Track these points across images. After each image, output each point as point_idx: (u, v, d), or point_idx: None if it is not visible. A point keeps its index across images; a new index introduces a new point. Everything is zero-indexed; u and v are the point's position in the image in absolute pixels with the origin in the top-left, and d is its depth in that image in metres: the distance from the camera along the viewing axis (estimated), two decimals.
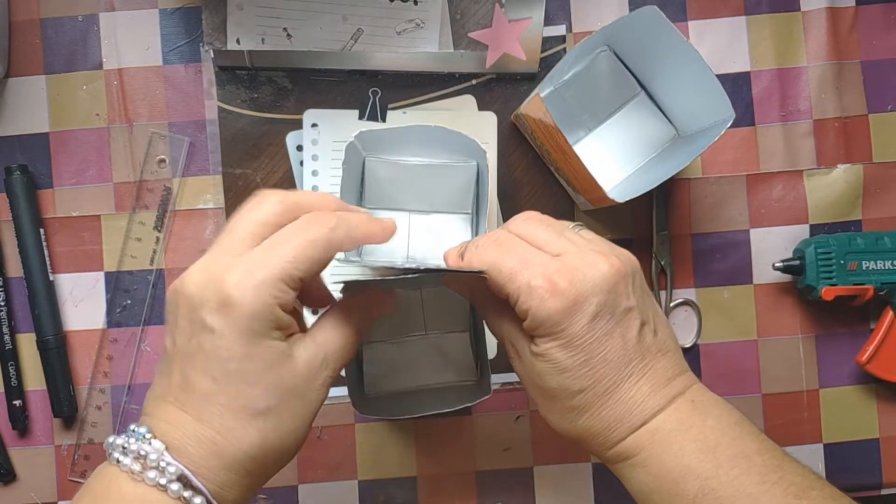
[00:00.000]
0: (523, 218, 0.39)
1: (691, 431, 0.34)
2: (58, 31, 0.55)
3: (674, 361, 0.36)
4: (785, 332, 0.56)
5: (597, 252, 0.35)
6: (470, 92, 0.56)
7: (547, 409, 0.37)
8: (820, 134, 0.56)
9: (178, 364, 0.33)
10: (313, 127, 0.55)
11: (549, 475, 0.55)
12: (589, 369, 0.34)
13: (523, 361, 0.37)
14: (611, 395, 0.35)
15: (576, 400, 0.35)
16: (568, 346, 0.34)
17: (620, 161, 0.54)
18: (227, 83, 0.55)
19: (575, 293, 0.34)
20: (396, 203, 0.52)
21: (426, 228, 0.52)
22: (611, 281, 0.34)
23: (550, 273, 0.34)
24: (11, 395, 0.54)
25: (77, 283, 0.55)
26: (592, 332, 0.34)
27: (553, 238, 0.37)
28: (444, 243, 0.52)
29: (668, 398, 0.35)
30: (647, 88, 0.54)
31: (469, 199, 0.52)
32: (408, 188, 0.52)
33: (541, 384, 0.36)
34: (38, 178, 0.55)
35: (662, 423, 0.35)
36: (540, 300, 0.34)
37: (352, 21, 0.54)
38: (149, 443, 0.31)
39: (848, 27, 0.56)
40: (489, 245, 0.37)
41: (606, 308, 0.34)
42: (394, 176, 0.51)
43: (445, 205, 0.52)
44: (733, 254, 0.56)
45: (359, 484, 0.55)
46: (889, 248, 0.53)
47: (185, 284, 0.32)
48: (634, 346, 0.35)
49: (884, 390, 0.56)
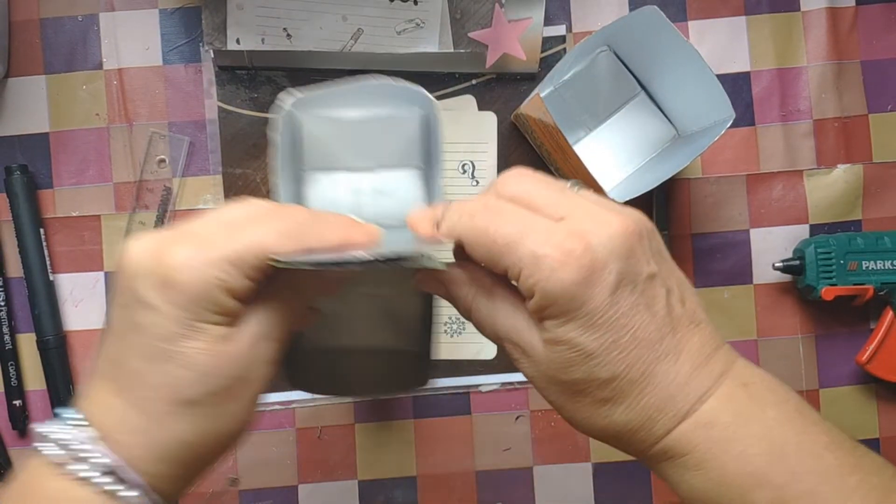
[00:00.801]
0: (515, 175, 0.32)
1: (752, 426, 0.29)
2: (58, 31, 0.55)
3: (709, 334, 0.31)
4: (785, 332, 0.56)
5: (606, 211, 0.30)
6: (470, 92, 0.56)
7: (573, 408, 0.31)
8: (820, 134, 0.56)
9: (114, 339, 0.30)
10: None
11: (549, 475, 0.55)
12: (619, 352, 0.29)
13: (534, 357, 0.30)
14: (647, 380, 0.29)
15: (608, 390, 0.29)
16: (590, 326, 0.28)
17: (620, 161, 0.54)
18: (227, 83, 0.55)
19: (591, 260, 0.28)
20: (338, 162, 0.46)
21: (374, 188, 0.46)
22: (628, 244, 0.29)
23: (559, 239, 0.28)
24: (11, 395, 0.54)
25: (77, 283, 0.55)
26: (616, 305, 0.28)
27: (554, 197, 0.30)
28: (394, 200, 0.46)
29: (713, 378, 0.30)
30: (647, 88, 0.54)
31: (417, 152, 0.46)
32: (348, 145, 0.46)
33: (563, 378, 0.30)
34: (38, 178, 0.55)
35: (717, 415, 0.29)
36: (550, 271, 0.28)
37: (352, 21, 0.54)
38: (75, 429, 0.28)
39: (848, 27, 0.56)
40: (477, 210, 0.31)
41: (628, 276, 0.28)
42: (332, 133, 0.46)
43: (391, 159, 0.46)
44: (733, 254, 0.56)
45: (359, 484, 0.55)
46: (889, 248, 0.53)
47: (130, 253, 0.30)
48: (664, 318, 0.29)
49: (884, 390, 0.56)
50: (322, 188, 0.46)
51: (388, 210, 0.46)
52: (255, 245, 0.29)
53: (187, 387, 0.29)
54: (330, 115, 0.45)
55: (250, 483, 0.55)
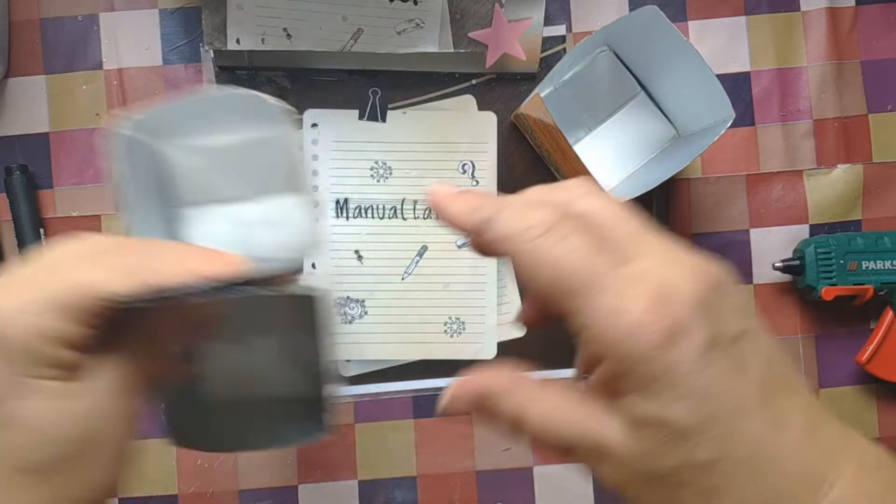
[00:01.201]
0: (587, 191, 0.26)
1: None
2: (58, 31, 0.55)
3: (809, 402, 0.25)
4: (785, 332, 0.56)
5: (688, 257, 0.25)
6: (470, 92, 0.56)
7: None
8: (820, 134, 0.56)
9: None
10: (313, 127, 0.55)
11: (549, 475, 0.55)
12: (719, 427, 0.23)
13: (616, 454, 0.24)
14: (754, 462, 0.23)
15: (712, 478, 0.23)
16: (680, 397, 0.23)
17: (620, 161, 0.54)
18: (227, 83, 0.55)
19: (674, 316, 0.23)
20: (214, 193, 0.42)
21: (262, 218, 0.42)
22: (714, 296, 0.24)
23: (640, 287, 0.23)
24: None
25: None
26: (708, 368, 0.23)
27: (630, 230, 0.25)
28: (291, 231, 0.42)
29: (830, 456, 0.24)
30: (647, 88, 0.54)
31: (300, 176, 0.42)
32: (223, 174, 0.42)
33: (656, 470, 0.23)
34: (38, 178, 0.55)
35: (847, 497, 0.23)
36: (629, 328, 0.23)
37: (352, 21, 0.54)
38: None
39: (848, 27, 0.56)
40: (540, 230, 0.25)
41: (718, 334, 0.23)
42: (202, 163, 0.41)
43: (274, 185, 0.42)
44: (733, 254, 0.56)
45: (359, 484, 0.55)
46: (889, 248, 0.53)
47: None
48: (758, 383, 0.24)
49: (884, 390, 0.56)
50: (202, 226, 0.42)
51: (285, 242, 0.41)
52: (84, 285, 0.26)
53: (28, 452, 0.26)
54: (195, 142, 0.40)
55: (250, 483, 0.55)
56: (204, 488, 0.55)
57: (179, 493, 0.55)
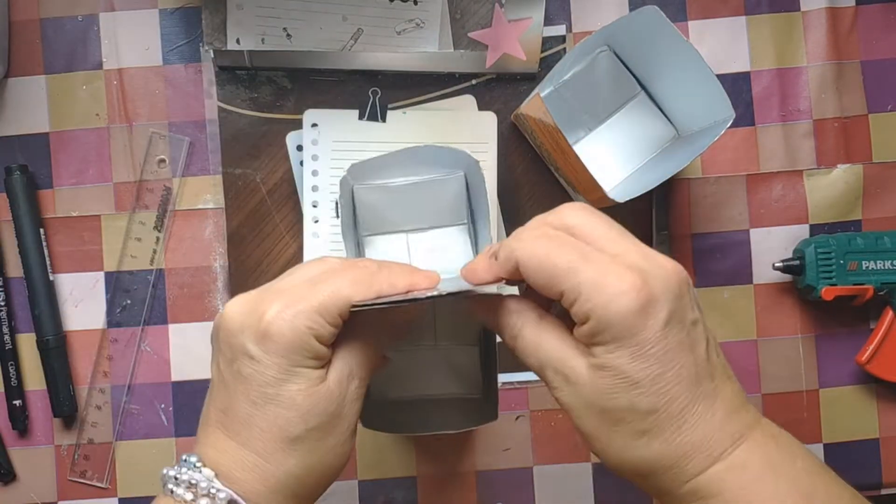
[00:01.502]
0: (579, 207, 0.34)
1: (783, 473, 0.31)
2: (58, 31, 0.55)
3: (738, 388, 0.32)
4: (785, 332, 0.56)
5: (659, 255, 0.32)
6: (470, 92, 0.56)
7: (608, 439, 0.31)
8: (820, 134, 0.56)
9: (221, 390, 0.34)
10: (313, 127, 0.55)
11: (549, 475, 0.55)
12: (663, 384, 0.30)
13: (576, 383, 0.31)
14: (685, 418, 0.30)
15: (647, 422, 0.30)
16: (640, 356, 0.30)
17: (620, 161, 0.54)
18: (227, 83, 0.55)
19: (648, 292, 0.29)
20: (391, 226, 0.52)
21: (425, 245, 0.52)
22: (680, 286, 0.31)
23: (620, 269, 0.30)
24: (11, 395, 0.54)
25: (77, 283, 0.55)
26: (666, 339, 0.30)
27: (611, 235, 0.32)
28: (446, 256, 0.52)
29: (745, 426, 0.31)
30: (647, 88, 0.54)
31: (462, 210, 0.52)
32: (399, 209, 0.52)
33: (603, 405, 0.31)
34: (38, 178, 0.55)
35: (749, 459, 0.31)
36: (610, 297, 0.29)
37: (352, 21, 0.54)
38: (199, 471, 0.32)
39: (848, 27, 0.56)
40: (537, 237, 0.32)
41: (677, 315, 0.30)
42: (383, 200, 0.51)
43: (440, 219, 0.52)
44: (733, 254, 0.56)
45: (359, 484, 0.55)
46: (889, 248, 0.53)
47: (228, 313, 0.34)
48: (704, 363, 0.31)
49: (884, 390, 0.56)
50: (380, 249, 0.52)
51: (440, 265, 0.51)
52: (336, 295, 0.33)
53: (291, 425, 0.33)
54: (376, 182, 0.51)
55: None
56: None
57: None
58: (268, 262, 0.55)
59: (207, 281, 0.55)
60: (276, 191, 0.55)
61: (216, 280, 0.55)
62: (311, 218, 0.55)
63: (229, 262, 0.55)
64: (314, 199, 0.55)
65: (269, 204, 0.56)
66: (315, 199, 0.55)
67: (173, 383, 0.55)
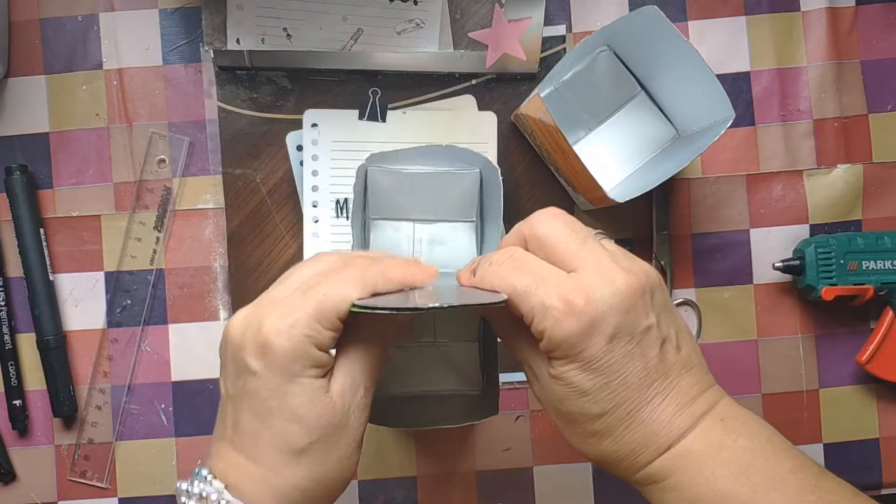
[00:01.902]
0: (549, 215, 0.36)
1: (723, 453, 0.33)
2: (58, 31, 0.55)
3: (699, 377, 0.35)
4: (785, 332, 0.56)
5: (616, 268, 0.33)
6: (470, 92, 0.56)
7: (569, 433, 0.36)
8: (820, 134, 0.56)
9: (229, 405, 0.34)
10: (313, 127, 0.55)
11: (549, 475, 0.55)
12: (609, 392, 0.33)
13: (541, 384, 0.35)
14: (633, 418, 0.33)
15: (597, 424, 0.34)
16: (586, 369, 0.33)
17: (620, 161, 0.54)
18: (227, 83, 0.55)
19: (592, 313, 0.32)
20: (399, 212, 0.51)
21: (430, 236, 0.52)
22: (629, 300, 0.33)
23: (566, 292, 0.32)
24: (11, 395, 0.54)
25: (77, 283, 0.55)
26: (611, 353, 0.32)
27: (574, 246, 0.34)
28: (448, 250, 0.52)
29: (695, 417, 0.34)
30: (647, 88, 0.54)
31: (473, 207, 0.52)
32: (410, 197, 0.51)
33: (560, 408, 0.35)
34: (38, 178, 0.55)
35: (692, 445, 0.33)
36: (555, 321, 0.32)
37: (352, 21, 0.54)
38: (210, 483, 0.33)
39: (848, 27, 0.56)
40: (503, 262, 0.35)
41: (625, 328, 0.32)
42: (395, 184, 0.51)
43: (449, 213, 0.52)
44: (733, 254, 0.56)
45: (359, 484, 0.55)
46: (889, 248, 0.53)
47: (229, 329, 0.34)
48: (656, 365, 0.33)
49: (884, 390, 0.56)
50: (385, 234, 0.52)
51: (441, 258, 0.52)
52: (331, 297, 0.33)
53: (296, 438, 0.33)
54: (392, 167, 0.50)
55: None
56: None
57: None
58: (268, 262, 0.55)
59: (207, 281, 0.55)
60: (276, 191, 0.56)
61: (216, 280, 0.55)
62: (311, 218, 0.55)
63: (229, 263, 0.55)
64: (314, 199, 0.55)
65: (269, 204, 0.56)
66: (315, 199, 0.55)
67: (173, 383, 0.55)
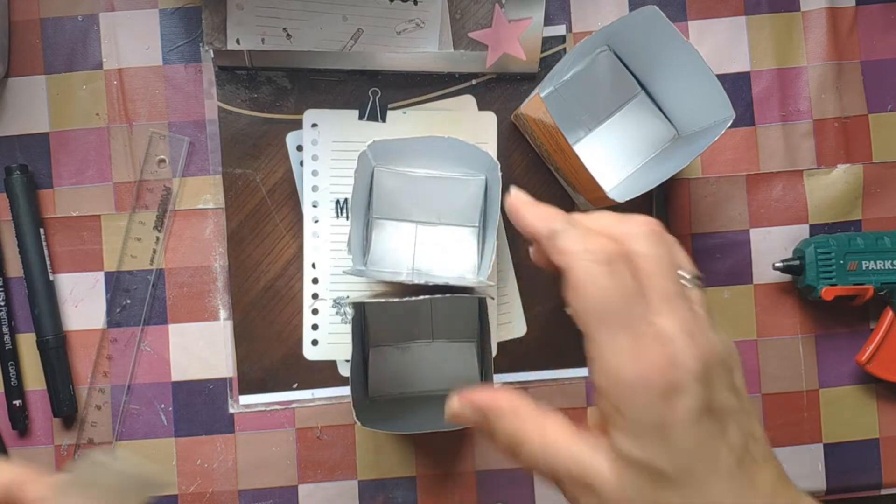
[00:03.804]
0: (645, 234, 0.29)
1: None
2: (58, 31, 0.55)
3: (776, 471, 0.29)
4: (785, 332, 0.56)
5: (707, 329, 0.28)
6: (470, 92, 0.56)
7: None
8: (820, 134, 0.56)
9: None
10: (313, 127, 0.55)
11: None
12: (693, 480, 0.26)
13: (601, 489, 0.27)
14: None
15: None
16: (668, 445, 0.26)
17: (620, 161, 0.54)
18: (227, 83, 0.55)
19: (675, 375, 0.26)
20: (403, 214, 0.52)
21: (432, 240, 0.52)
22: (715, 370, 0.27)
23: (652, 342, 0.27)
24: (11, 395, 0.54)
25: (77, 283, 0.55)
26: (695, 427, 0.26)
27: (670, 290, 0.28)
28: (449, 254, 0.52)
29: None
30: (647, 88, 0.54)
31: (476, 213, 0.52)
32: (415, 199, 0.52)
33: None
34: (38, 178, 0.55)
35: None
36: (637, 373, 0.26)
37: (352, 21, 0.54)
38: None
39: (848, 27, 0.56)
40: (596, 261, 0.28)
41: (705, 399, 0.27)
42: (402, 187, 0.52)
43: (452, 217, 0.52)
44: (733, 254, 0.56)
45: (359, 484, 0.55)
46: (889, 248, 0.53)
47: None
48: (735, 450, 0.27)
49: (884, 390, 0.56)
50: (387, 234, 0.52)
51: (441, 262, 0.52)
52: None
53: None
54: (399, 169, 0.51)
55: (250, 483, 0.55)
56: (204, 488, 0.55)
57: (179, 493, 0.55)
58: (268, 262, 0.55)
59: (207, 281, 0.55)
60: (276, 191, 0.56)
61: (216, 280, 0.55)
62: (311, 218, 0.55)
63: (229, 262, 0.55)
64: (314, 199, 0.55)
65: (269, 204, 0.56)
66: (315, 198, 0.55)
67: (173, 383, 0.55)
